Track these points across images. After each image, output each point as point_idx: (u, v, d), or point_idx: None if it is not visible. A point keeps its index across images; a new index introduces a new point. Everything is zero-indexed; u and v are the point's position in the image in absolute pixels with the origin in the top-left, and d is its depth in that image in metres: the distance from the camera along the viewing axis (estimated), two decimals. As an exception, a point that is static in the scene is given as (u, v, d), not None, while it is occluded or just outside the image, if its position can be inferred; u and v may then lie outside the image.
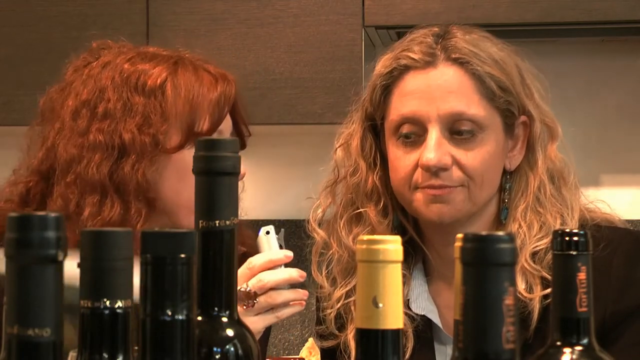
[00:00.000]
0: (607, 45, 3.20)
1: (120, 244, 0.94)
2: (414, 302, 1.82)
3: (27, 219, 0.88)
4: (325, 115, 2.85)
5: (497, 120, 1.78)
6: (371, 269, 0.99)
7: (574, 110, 3.20)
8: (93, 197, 1.84)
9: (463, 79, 1.76)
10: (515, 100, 1.79)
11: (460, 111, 1.75)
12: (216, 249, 1.12)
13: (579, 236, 1.11)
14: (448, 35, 1.80)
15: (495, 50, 1.80)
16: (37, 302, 0.88)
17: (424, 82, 1.77)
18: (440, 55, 1.77)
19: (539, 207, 1.78)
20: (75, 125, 1.89)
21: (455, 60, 1.76)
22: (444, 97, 1.75)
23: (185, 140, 1.87)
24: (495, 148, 1.78)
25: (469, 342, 0.93)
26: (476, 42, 1.80)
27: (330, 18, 2.89)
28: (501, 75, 1.77)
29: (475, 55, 1.77)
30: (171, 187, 1.88)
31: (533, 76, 1.84)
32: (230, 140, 1.14)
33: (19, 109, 2.88)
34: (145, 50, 1.97)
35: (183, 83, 1.89)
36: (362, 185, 1.84)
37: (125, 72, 1.89)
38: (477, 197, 1.77)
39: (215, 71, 1.94)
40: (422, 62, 1.77)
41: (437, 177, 1.75)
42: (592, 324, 1.13)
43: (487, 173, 1.77)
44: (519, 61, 1.83)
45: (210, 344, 1.10)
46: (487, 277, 0.92)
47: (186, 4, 2.93)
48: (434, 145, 1.74)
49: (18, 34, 2.96)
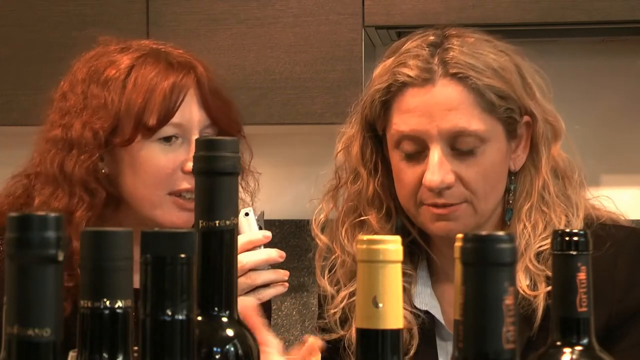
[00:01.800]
0: (607, 45, 3.20)
1: (120, 244, 0.94)
2: (416, 298, 1.83)
3: (27, 219, 0.88)
4: (325, 115, 2.85)
5: (499, 130, 1.77)
6: (371, 269, 0.99)
7: (574, 110, 3.19)
8: (47, 187, 1.89)
9: (462, 94, 1.74)
10: (517, 104, 1.78)
11: (462, 128, 1.74)
12: (216, 249, 1.12)
13: (578, 236, 1.11)
14: (445, 45, 1.77)
15: (493, 56, 1.77)
16: (37, 302, 0.88)
17: (423, 100, 1.75)
18: (438, 70, 1.75)
19: (543, 206, 1.78)
20: (50, 119, 1.94)
21: (453, 75, 1.74)
22: (444, 114, 1.74)
23: (135, 133, 1.86)
24: (498, 157, 1.77)
25: (469, 342, 0.93)
26: (474, 50, 1.77)
27: (330, 18, 2.89)
28: (501, 85, 1.76)
29: (473, 68, 1.75)
30: (128, 181, 1.90)
31: (535, 73, 1.83)
32: (231, 140, 1.14)
33: (19, 109, 2.88)
34: (132, 44, 1.96)
35: (140, 74, 1.88)
36: (364, 192, 1.84)
37: (96, 65, 1.91)
38: (483, 209, 1.78)
39: (177, 60, 1.91)
40: (419, 79, 1.75)
41: (441, 196, 1.75)
42: (592, 324, 1.13)
43: (491, 184, 1.77)
44: (519, 60, 1.82)
45: (210, 344, 1.10)
46: (487, 277, 0.92)
47: (186, 4, 2.93)
48: (437, 165, 1.73)
49: (18, 34, 2.96)
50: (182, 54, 1.95)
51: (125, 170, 1.89)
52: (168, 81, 1.87)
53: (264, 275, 1.76)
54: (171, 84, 1.87)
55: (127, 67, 1.88)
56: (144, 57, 1.90)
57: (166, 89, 1.87)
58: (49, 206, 1.85)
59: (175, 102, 1.87)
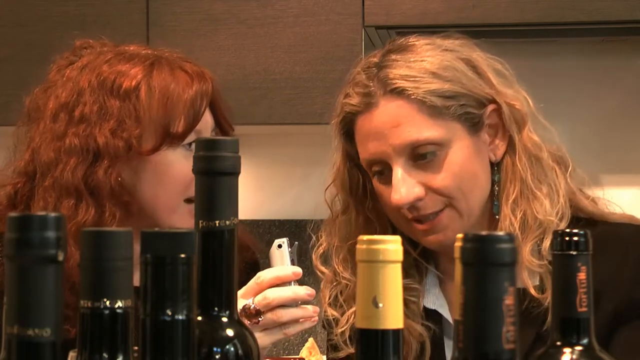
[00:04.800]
0: (607, 45, 3.20)
1: (120, 244, 0.94)
2: (426, 297, 1.83)
3: (27, 219, 0.88)
4: (325, 115, 2.83)
5: (457, 129, 1.76)
6: (371, 269, 0.99)
7: (574, 110, 3.20)
8: (69, 200, 1.85)
9: (405, 108, 1.74)
10: (471, 98, 1.76)
11: (414, 140, 1.73)
12: (216, 249, 1.12)
13: (579, 236, 1.11)
14: (382, 63, 1.78)
15: (430, 59, 1.76)
16: (37, 302, 0.88)
17: (371, 124, 1.76)
18: (377, 92, 1.76)
19: (528, 193, 1.77)
20: (54, 128, 1.89)
21: (392, 91, 1.75)
22: (393, 132, 1.74)
23: (161, 142, 1.86)
24: (465, 155, 1.76)
25: (469, 342, 0.93)
26: (409, 60, 1.77)
27: (330, 18, 2.89)
28: (443, 85, 1.74)
29: (409, 79, 1.74)
30: (149, 189, 1.88)
31: (490, 61, 1.81)
32: (231, 140, 1.14)
33: (19, 109, 2.87)
34: (124, 50, 1.95)
35: (158, 84, 1.87)
36: (354, 221, 1.85)
37: (102, 74, 1.89)
38: (467, 209, 1.76)
39: (191, 69, 1.92)
40: (362, 105, 1.77)
41: (418, 210, 1.75)
42: (592, 324, 1.14)
43: (466, 184, 1.76)
44: (468, 53, 1.80)
45: (210, 344, 1.10)
46: (487, 277, 0.92)
47: (186, 4, 2.93)
48: (399, 182, 1.74)
49: (18, 34, 2.96)
50: (182, 57, 1.95)
51: (145, 178, 1.87)
52: (192, 89, 1.88)
53: (290, 312, 1.72)
54: (195, 92, 1.88)
55: (141, 77, 1.88)
56: (152, 65, 1.90)
57: (192, 96, 1.88)
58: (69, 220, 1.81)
59: (199, 109, 1.89)
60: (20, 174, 1.94)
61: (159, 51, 1.97)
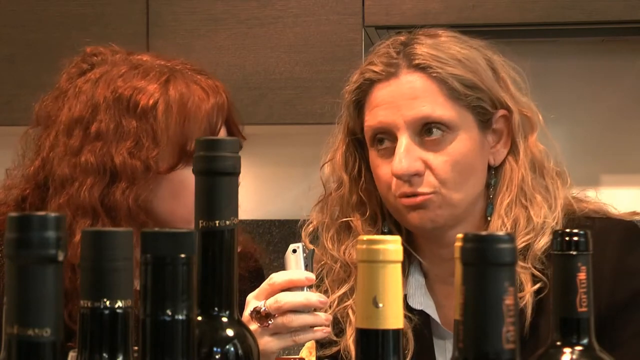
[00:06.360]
0: (607, 45, 3.20)
1: (120, 244, 0.94)
2: (411, 298, 1.83)
3: (27, 219, 0.88)
4: (325, 115, 2.85)
5: (468, 119, 1.79)
6: (371, 269, 0.99)
7: (574, 110, 3.20)
8: (85, 220, 1.82)
9: (426, 83, 1.77)
10: (487, 95, 1.79)
11: (426, 114, 1.76)
12: (216, 249, 1.12)
13: (579, 236, 1.11)
14: (411, 42, 1.81)
15: (458, 49, 1.80)
16: (37, 302, 0.88)
17: (388, 92, 1.79)
18: (401, 64, 1.79)
19: (523, 199, 1.79)
20: (68, 143, 1.86)
21: (416, 66, 1.78)
22: (408, 104, 1.77)
23: (178, 161, 1.84)
24: (468, 147, 1.78)
25: (469, 342, 0.93)
26: (439, 44, 1.81)
27: (330, 18, 2.89)
28: (466, 74, 1.78)
29: (436, 58, 1.78)
30: (165, 205, 1.86)
31: (509, 68, 1.84)
32: (230, 140, 1.14)
33: (19, 109, 2.88)
34: (138, 62, 1.92)
35: (175, 102, 1.85)
36: (347, 197, 1.86)
37: (117, 90, 1.86)
38: (454, 200, 1.77)
39: (206, 84, 1.89)
40: (384, 73, 1.79)
41: (411, 185, 1.76)
42: (592, 324, 1.14)
43: (461, 174, 1.77)
44: (490, 55, 1.83)
45: (210, 344, 1.10)
46: (487, 277, 0.92)
47: (186, 4, 2.93)
48: (403, 152, 1.75)
49: (18, 34, 2.96)
50: (196, 69, 1.93)
51: (161, 195, 1.85)
52: (208, 105, 1.86)
53: (302, 318, 1.67)
54: (211, 107, 1.86)
55: (158, 95, 1.85)
56: (168, 81, 1.87)
57: (209, 113, 1.86)
58: None
59: (215, 126, 1.87)
60: (28, 180, 1.91)
61: (171, 62, 1.93)
